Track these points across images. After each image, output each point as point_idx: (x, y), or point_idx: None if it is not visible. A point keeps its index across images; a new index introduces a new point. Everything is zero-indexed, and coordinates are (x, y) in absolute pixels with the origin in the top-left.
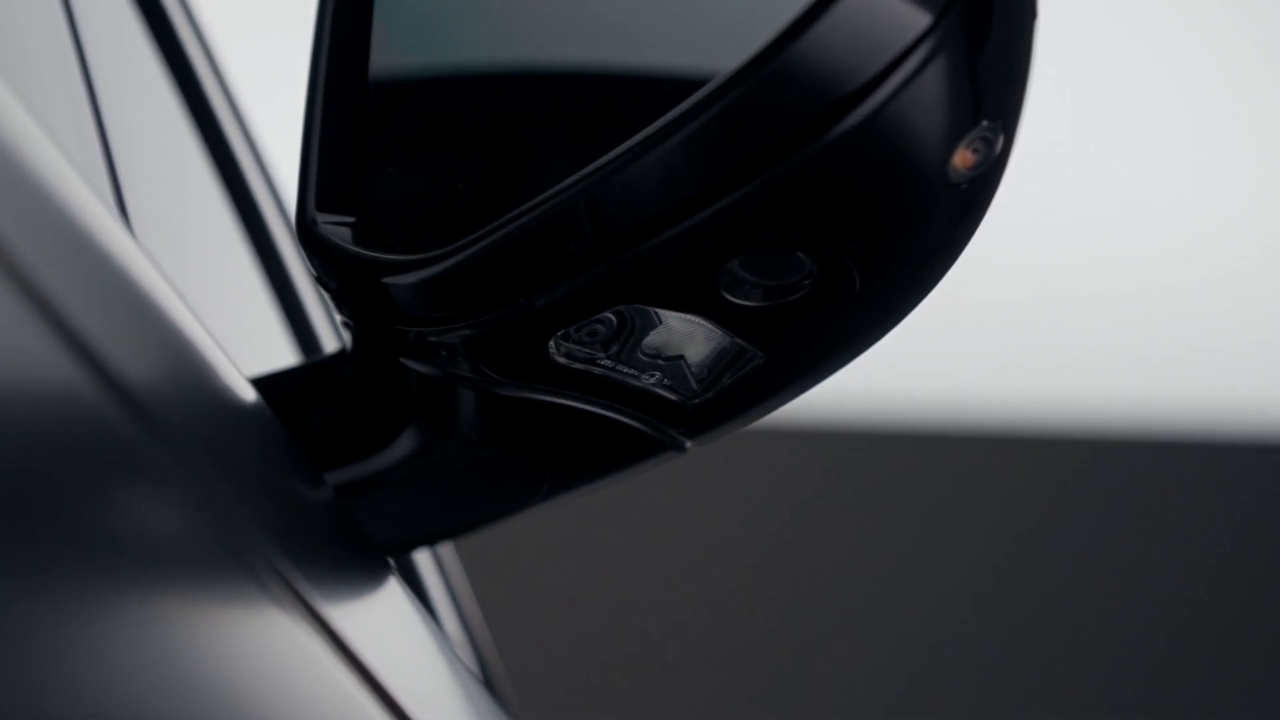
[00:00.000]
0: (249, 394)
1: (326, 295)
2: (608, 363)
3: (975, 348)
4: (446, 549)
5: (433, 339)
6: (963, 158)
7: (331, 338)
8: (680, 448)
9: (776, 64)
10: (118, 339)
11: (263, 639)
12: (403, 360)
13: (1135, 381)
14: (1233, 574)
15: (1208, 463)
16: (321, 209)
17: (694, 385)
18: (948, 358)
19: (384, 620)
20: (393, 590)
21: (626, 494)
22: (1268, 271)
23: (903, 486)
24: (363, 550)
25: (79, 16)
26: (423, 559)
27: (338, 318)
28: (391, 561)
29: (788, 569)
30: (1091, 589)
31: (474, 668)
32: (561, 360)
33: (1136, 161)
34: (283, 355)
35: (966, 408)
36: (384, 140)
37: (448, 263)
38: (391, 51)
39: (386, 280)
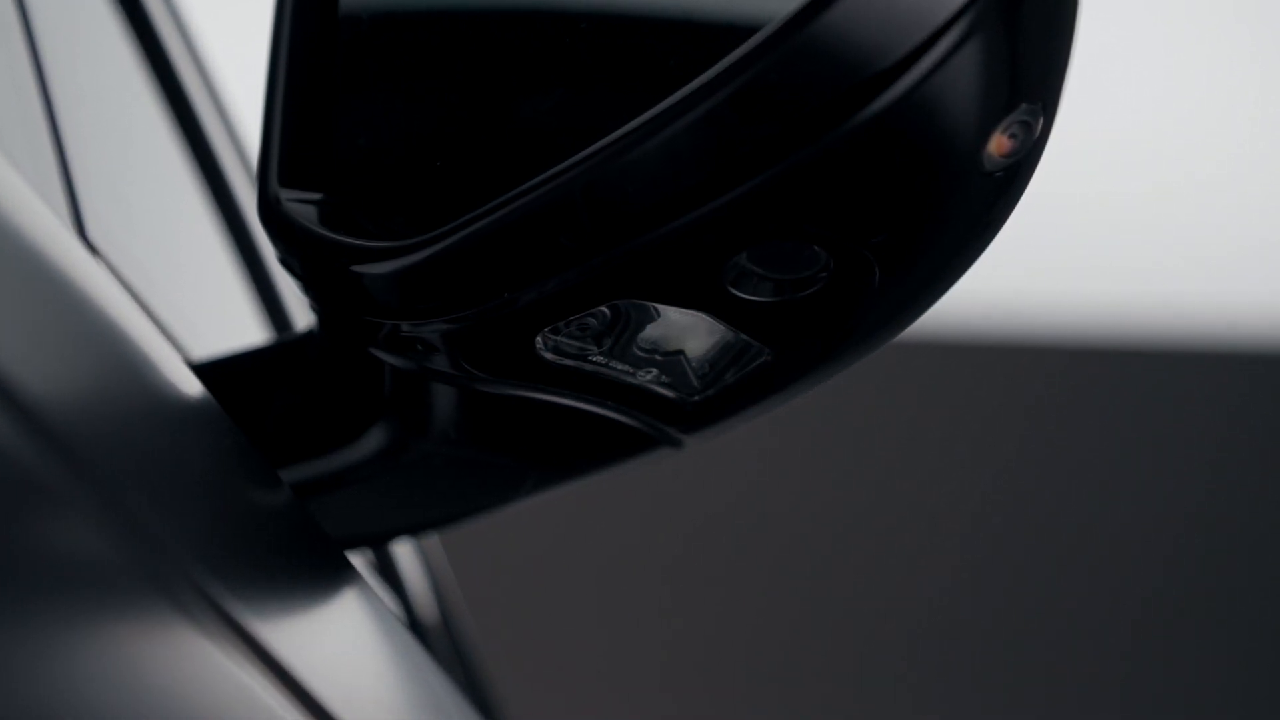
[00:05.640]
0: (189, 382)
1: (292, 279)
2: (600, 359)
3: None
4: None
5: (407, 332)
6: (999, 144)
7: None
8: (677, 444)
9: (798, 40)
10: (13, 321)
11: (194, 672)
12: (374, 352)
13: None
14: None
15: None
16: (285, 184)
17: (694, 382)
18: None
19: (339, 637)
20: (353, 599)
21: (622, 478)
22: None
23: (896, 397)
24: (320, 556)
25: None
26: (401, 547)
27: (306, 300)
28: (363, 553)
29: (786, 546)
30: (1099, 501)
31: (454, 667)
32: (549, 356)
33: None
34: (256, 340)
35: (964, 315)
36: (355, 108)
37: (426, 252)
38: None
39: (357, 269)
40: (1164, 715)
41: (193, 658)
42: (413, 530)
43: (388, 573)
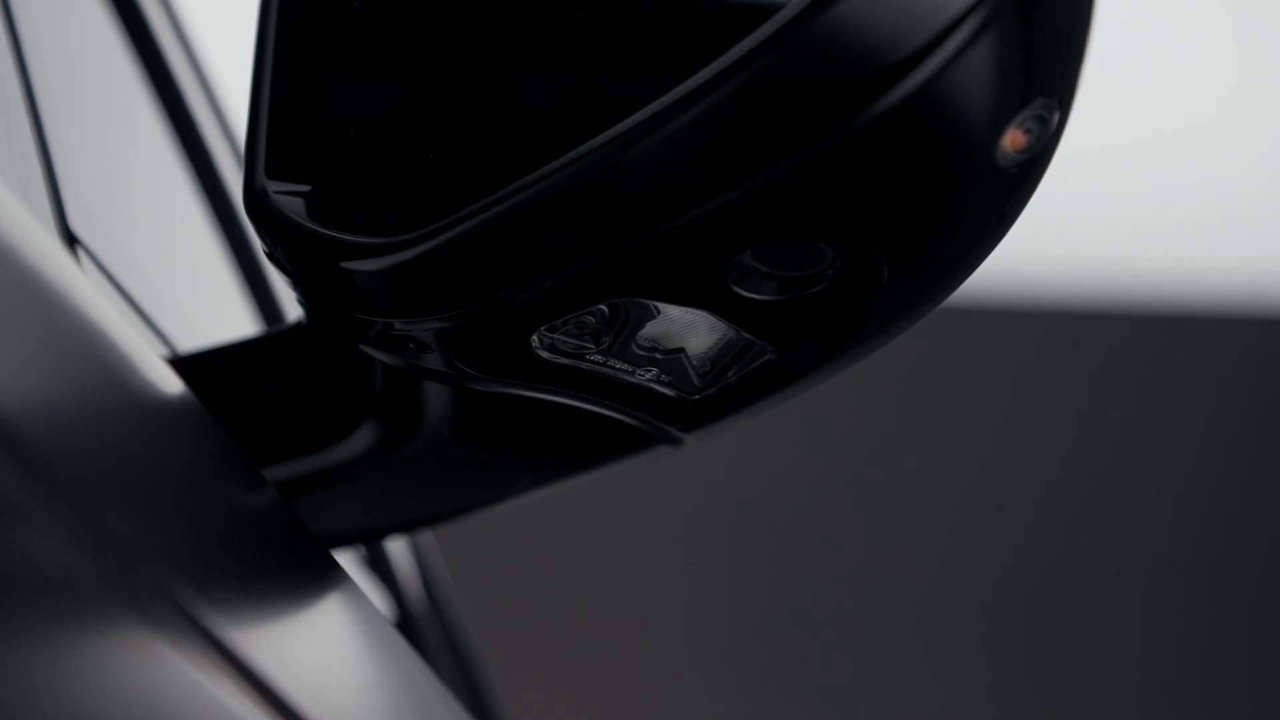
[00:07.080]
0: (166, 377)
1: (281, 274)
2: (598, 357)
3: None
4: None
5: (399, 330)
6: (1013, 139)
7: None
8: (676, 443)
9: (806, 34)
10: None
11: (170, 684)
12: (364, 349)
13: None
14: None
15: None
16: (273, 176)
17: (695, 381)
18: None
19: (323, 643)
20: (338, 603)
21: (618, 471)
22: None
23: (890, 367)
24: (304, 558)
25: None
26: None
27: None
28: (352, 549)
29: (783, 541)
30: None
31: (447, 664)
32: (545, 355)
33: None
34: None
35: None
36: (345, 96)
37: (418, 249)
38: None
39: (347, 265)
40: (1162, 698)
41: (168, 669)
42: (403, 528)
43: (379, 567)
